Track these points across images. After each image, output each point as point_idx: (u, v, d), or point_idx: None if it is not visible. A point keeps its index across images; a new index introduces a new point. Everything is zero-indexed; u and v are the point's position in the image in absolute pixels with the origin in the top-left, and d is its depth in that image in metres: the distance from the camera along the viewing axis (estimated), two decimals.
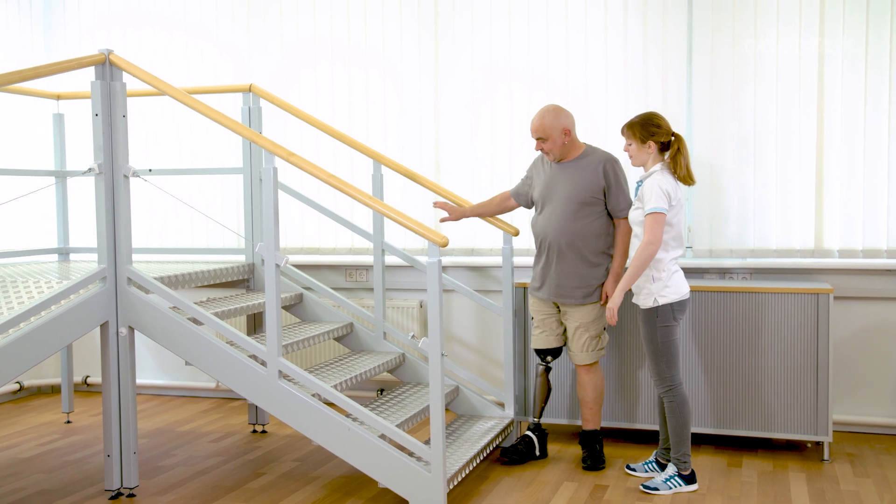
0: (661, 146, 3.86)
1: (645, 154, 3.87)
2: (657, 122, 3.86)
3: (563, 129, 4.12)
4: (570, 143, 4.16)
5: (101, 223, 3.75)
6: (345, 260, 5.56)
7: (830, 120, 4.83)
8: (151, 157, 5.65)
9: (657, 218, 3.74)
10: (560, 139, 4.13)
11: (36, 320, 3.40)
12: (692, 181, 3.88)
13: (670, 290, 3.83)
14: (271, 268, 3.66)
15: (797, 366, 4.34)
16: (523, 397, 4.72)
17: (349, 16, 5.54)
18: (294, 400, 3.69)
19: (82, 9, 6.04)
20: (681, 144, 3.85)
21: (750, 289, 4.42)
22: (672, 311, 3.84)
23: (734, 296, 4.43)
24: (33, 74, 3.60)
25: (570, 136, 4.14)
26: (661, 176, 3.81)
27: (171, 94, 3.80)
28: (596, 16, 5.13)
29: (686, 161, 3.84)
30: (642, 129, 3.86)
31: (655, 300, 3.83)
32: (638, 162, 3.91)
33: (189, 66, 5.83)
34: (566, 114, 4.16)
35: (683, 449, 3.90)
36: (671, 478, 3.90)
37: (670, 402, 3.90)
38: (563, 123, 4.12)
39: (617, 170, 4.13)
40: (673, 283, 3.83)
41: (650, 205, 3.75)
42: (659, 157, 3.87)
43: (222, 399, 5.86)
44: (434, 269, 3.52)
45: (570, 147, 4.17)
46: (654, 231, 3.73)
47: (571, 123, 4.16)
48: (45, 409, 5.66)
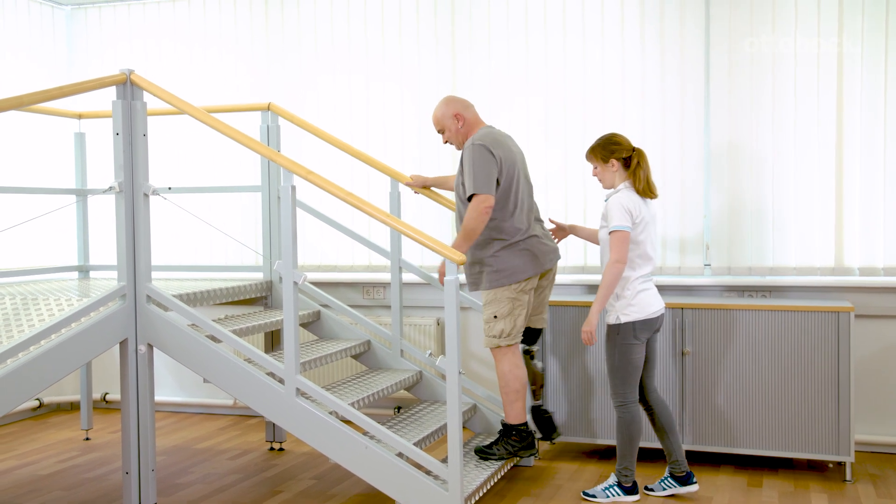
0: (624, 163, 3.92)
1: (610, 173, 3.95)
2: (616, 140, 3.96)
3: (454, 115, 4.08)
4: (465, 127, 4.09)
5: (121, 241, 3.77)
6: (362, 277, 5.57)
7: (849, 136, 4.81)
8: (171, 175, 5.70)
9: (621, 236, 3.79)
10: (454, 126, 4.09)
11: (56, 338, 3.42)
12: (653, 194, 3.93)
13: (634, 309, 3.85)
14: (289, 285, 3.67)
15: (818, 385, 4.30)
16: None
17: (367, 30, 5.58)
18: (311, 418, 3.69)
19: (104, 23, 6.12)
20: (641, 159, 3.92)
21: (770, 307, 4.39)
22: (634, 330, 3.86)
23: (753, 314, 4.40)
24: (58, 94, 3.64)
25: (462, 120, 4.08)
26: (625, 194, 3.87)
27: (190, 113, 3.84)
28: (613, 32, 5.14)
29: (646, 174, 3.91)
30: (602, 149, 3.95)
31: (618, 317, 3.87)
32: (607, 183, 3.98)
33: (208, 79, 5.90)
34: (456, 100, 4.14)
35: (626, 463, 3.97)
36: (610, 486, 3.98)
37: (620, 416, 3.95)
38: (452, 110, 4.09)
39: (470, 154, 3.93)
40: (638, 302, 3.86)
41: (613, 223, 3.82)
42: (624, 174, 3.94)
43: (240, 416, 5.87)
44: (451, 287, 3.52)
45: (467, 132, 4.10)
46: (620, 249, 3.78)
47: (462, 108, 4.10)
48: (65, 425, 5.68)
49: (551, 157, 5.27)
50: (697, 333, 4.47)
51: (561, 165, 5.25)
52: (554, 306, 4.63)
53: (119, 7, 6.09)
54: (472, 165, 3.89)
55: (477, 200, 3.85)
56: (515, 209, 4.00)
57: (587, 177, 5.18)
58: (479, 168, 3.87)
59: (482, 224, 3.87)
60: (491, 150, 3.92)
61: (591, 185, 5.18)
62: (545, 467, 4.57)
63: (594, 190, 5.17)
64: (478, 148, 3.91)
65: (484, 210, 3.84)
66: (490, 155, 3.90)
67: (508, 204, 3.98)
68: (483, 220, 3.86)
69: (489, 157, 3.90)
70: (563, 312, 4.66)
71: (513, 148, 4.08)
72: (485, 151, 3.90)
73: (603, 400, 4.62)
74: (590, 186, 5.18)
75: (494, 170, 3.90)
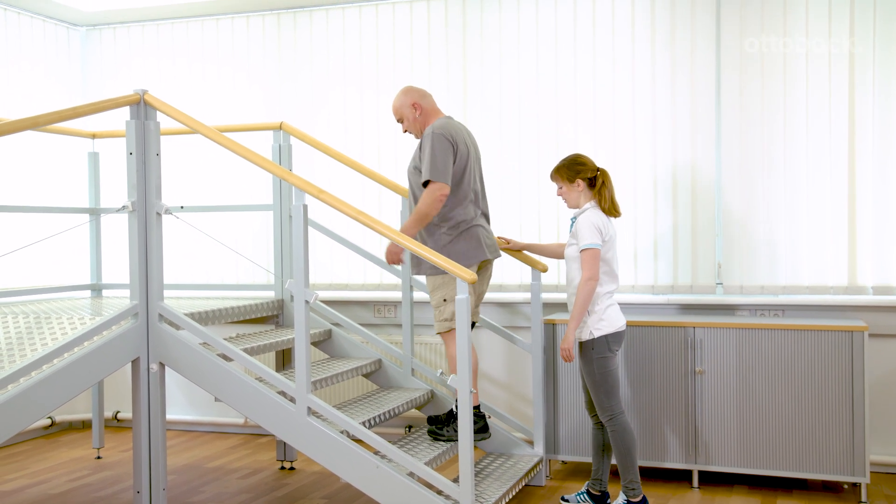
0: (588, 183, 4.00)
1: (576, 193, 4.02)
2: (581, 160, 4.03)
3: (412, 105, 4.15)
4: (423, 117, 4.16)
5: (134, 260, 3.79)
6: (373, 296, 5.58)
7: (862, 154, 4.79)
8: (183, 194, 5.73)
9: (593, 253, 3.87)
10: (412, 116, 4.16)
11: (69, 356, 3.43)
12: (617, 213, 4.02)
13: (605, 323, 3.91)
14: (301, 304, 3.67)
15: (832, 405, 4.26)
16: (553, 435, 4.68)
17: (378, 47, 5.61)
18: (322, 437, 3.68)
19: (118, 42, 6.19)
20: (605, 179, 4.01)
21: (783, 326, 4.36)
22: (607, 343, 3.92)
23: (766, 333, 4.37)
24: (72, 114, 3.67)
25: (419, 109, 4.15)
26: (593, 213, 3.96)
27: (203, 133, 3.86)
28: (624, 50, 5.15)
29: (610, 194, 4.00)
30: (568, 169, 4.02)
31: (591, 333, 3.92)
32: (572, 202, 4.06)
33: (221, 97, 5.94)
34: (414, 90, 4.20)
35: (630, 476, 3.95)
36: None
37: (612, 430, 3.95)
38: (410, 99, 4.16)
39: (430, 141, 3.98)
40: (608, 317, 3.93)
41: (584, 241, 3.89)
42: (589, 194, 4.02)
43: (251, 435, 5.86)
44: (462, 306, 3.52)
45: (424, 121, 4.17)
46: (592, 267, 3.86)
47: (420, 97, 4.17)
48: (76, 444, 5.69)
49: None
50: (710, 352, 4.45)
51: None
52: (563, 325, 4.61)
53: (133, 27, 6.15)
54: (431, 153, 3.96)
55: (433, 187, 3.92)
56: (466, 198, 4.08)
57: None
58: (438, 156, 3.95)
59: (435, 211, 3.96)
60: (448, 137, 4.00)
61: None
62: (557, 487, 4.54)
63: None
64: (437, 136, 3.98)
65: (438, 198, 3.92)
66: (448, 144, 3.99)
67: (459, 192, 4.07)
68: (436, 207, 3.94)
69: (448, 145, 3.98)
70: None
71: (468, 140, 4.16)
72: (444, 140, 3.98)
73: None
74: None
75: (451, 159, 3.99)
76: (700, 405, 4.46)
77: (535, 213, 5.31)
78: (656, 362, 4.53)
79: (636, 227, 5.15)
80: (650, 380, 4.54)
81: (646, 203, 5.13)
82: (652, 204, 5.12)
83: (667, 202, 5.10)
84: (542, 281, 4.64)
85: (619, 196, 5.13)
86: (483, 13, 5.42)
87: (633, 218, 5.15)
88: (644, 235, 5.14)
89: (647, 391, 4.54)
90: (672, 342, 4.51)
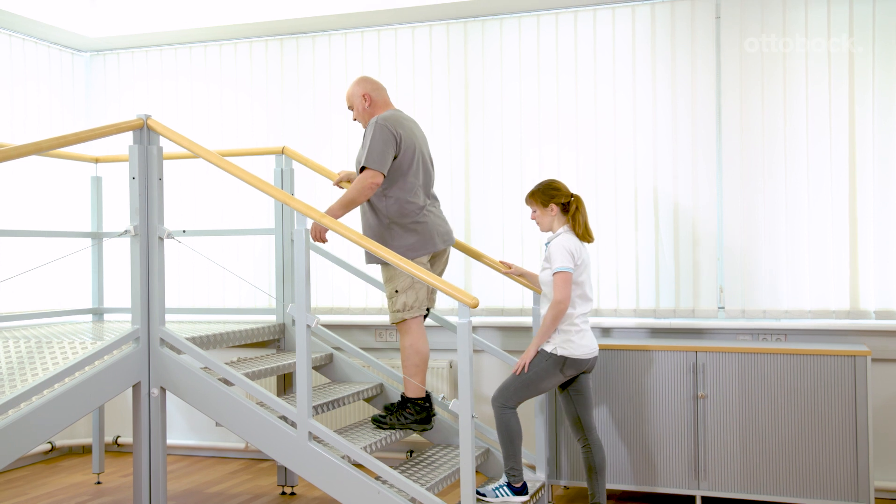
0: (562, 208, 4.06)
1: (549, 217, 4.08)
2: (555, 186, 4.09)
3: (363, 95, 4.20)
4: (371, 108, 4.21)
5: (136, 284, 3.79)
6: (375, 320, 5.57)
7: (862, 178, 4.80)
8: (185, 218, 5.74)
9: (564, 277, 3.91)
10: (361, 105, 4.21)
11: (70, 381, 3.43)
12: (591, 238, 4.08)
13: (571, 346, 3.96)
14: (302, 328, 3.67)
15: (835, 430, 4.24)
16: (555, 460, 4.66)
17: (380, 72, 5.64)
18: (324, 462, 3.67)
19: (122, 67, 6.23)
20: (579, 204, 4.07)
21: (785, 350, 4.35)
22: (562, 365, 3.96)
23: (768, 357, 4.36)
24: (75, 139, 3.69)
25: (370, 101, 4.20)
26: (566, 237, 4.01)
27: (205, 158, 3.87)
28: (624, 75, 5.18)
29: (584, 219, 4.06)
30: (542, 194, 4.07)
31: (554, 348, 3.96)
32: (545, 227, 4.11)
33: (224, 121, 5.97)
34: (368, 81, 4.25)
35: (512, 463, 4.04)
36: (500, 486, 4.05)
37: (499, 417, 4.01)
38: (362, 90, 4.21)
39: (372, 130, 4.02)
40: (577, 341, 3.97)
41: (556, 265, 3.93)
42: (563, 219, 4.08)
43: (251, 460, 5.84)
44: (465, 330, 3.52)
45: (373, 113, 4.22)
46: (563, 290, 3.90)
47: (372, 89, 4.22)
48: (76, 469, 5.66)
49: None
50: (712, 377, 4.44)
51: None
52: None
53: (137, 53, 6.19)
54: (371, 141, 3.99)
55: (367, 174, 3.95)
56: (413, 188, 4.10)
57: (600, 216, 5.19)
58: (377, 145, 3.98)
59: (364, 198, 3.98)
60: (392, 129, 4.03)
61: (602, 224, 5.19)
62: None
63: (604, 229, 5.18)
64: (380, 126, 4.02)
65: (369, 185, 3.95)
66: (390, 134, 4.01)
67: (406, 182, 4.09)
68: (366, 194, 3.96)
69: (389, 136, 4.01)
70: None
71: (415, 131, 4.20)
72: (386, 130, 4.01)
73: (616, 445, 4.57)
74: (602, 224, 5.19)
75: (391, 150, 4.01)
76: (703, 430, 4.44)
77: (537, 238, 5.32)
78: (659, 387, 4.51)
79: (638, 251, 5.16)
80: (653, 404, 4.52)
81: (647, 227, 5.14)
82: (653, 228, 5.13)
83: (668, 226, 5.11)
84: None
85: (621, 220, 5.17)
86: (484, 37, 5.46)
87: (634, 242, 5.16)
88: (646, 259, 5.14)
89: (650, 416, 4.53)
90: (674, 366, 4.50)
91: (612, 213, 5.20)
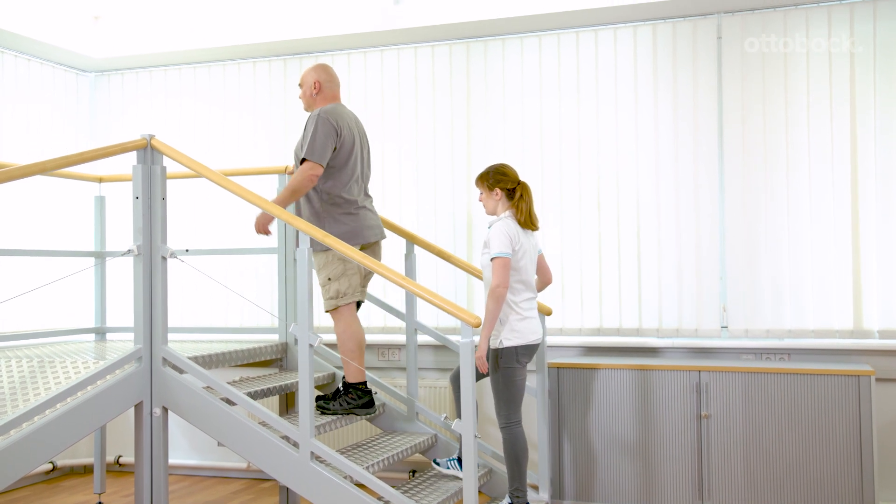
0: (508, 193, 4.09)
1: (493, 201, 4.13)
2: (504, 171, 4.14)
3: (314, 83, 4.29)
4: (318, 97, 4.29)
5: (139, 303, 3.79)
6: (377, 339, 5.56)
7: (865, 197, 4.81)
8: (188, 237, 5.75)
9: (503, 262, 3.94)
10: (310, 90, 4.30)
11: (72, 401, 3.42)
12: (534, 226, 4.12)
13: (516, 335, 3.99)
14: (305, 348, 3.67)
15: (840, 450, 4.22)
16: (558, 480, 4.64)
17: (383, 92, 5.67)
18: (326, 482, 3.65)
19: (126, 87, 6.27)
20: (524, 192, 4.11)
21: (789, 370, 4.34)
22: (516, 354, 3.99)
23: (772, 377, 4.35)
24: (79, 160, 3.70)
25: (318, 89, 4.28)
26: (505, 222, 4.05)
27: (208, 177, 3.88)
28: (626, 97, 5.20)
29: (528, 207, 4.09)
30: (490, 178, 4.13)
31: (501, 342, 3.99)
32: (489, 209, 4.16)
33: (228, 140, 5.99)
34: (325, 70, 4.33)
35: (517, 484, 4.05)
36: None
37: (506, 438, 4.04)
38: (316, 76, 4.30)
39: (314, 122, 4.11)
40: (521, 329, 4.00)
41: (494, 250, 3.98)
42: (507, 204, 4.12)
43: (254, 480, 5.81)
44: (467, 349, 3.51)
45: (317, 102, 4.29)
46: (501, 274, 3.93)
47: (325, 79, 4.30)
48: (78, 489, 5.64)
49: (566, 219, 5.29)
50: (716, 396, 4.42)
51: (576, 225, 5.27)
52: (569, 368, 4.60)
53: (141, 73, 6.23)
54: (313, 133, 4.08)
55: (307, 166, 4.05)
56: (350, 180, 4.19)
57: (603, 236, 5.20)
58: (318, 137, 4.07)
59: (306, 188, 4.07)
60: (333, 122, 4.11)
61: (605, 243, 5.19)
62: None
63: (606, 248, 5.19)
64: (322, 118, 4.11)
65: (310, 176, 4.04)
66: (332, 127, 4.10)
67: (344, 175, 4.17)
68: (307, 184, 4.06)
69: (330, 129, 4.10)
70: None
71: (354, 127, 4.27)
72: (328, 123, 4.10)
73: (620, 464, 4.55)
74: (605, 243, 5.19)
75: (332, 143, 4.10)
76: (706, 450, 4.42)
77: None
78: (662, 406, 4.50)
79: (640, 271, 5.15)
80: (656, 424, 4.51)
81: (649, 246, 5.14)
82: (656, 247, 5.13)
83: (671, 245, 5.11)
84: (547, 324, 4.63)
85: (625, 238, 5.17)
86: (487, 59, 5.49)
87: (637, 261, 5.16)
88: (648, 279, 5.14)
89: (654, 435, 4.51)
90: (678, 386, 4.49)
91: (615, 233, 5.20)
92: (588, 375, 4.65)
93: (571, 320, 5.27)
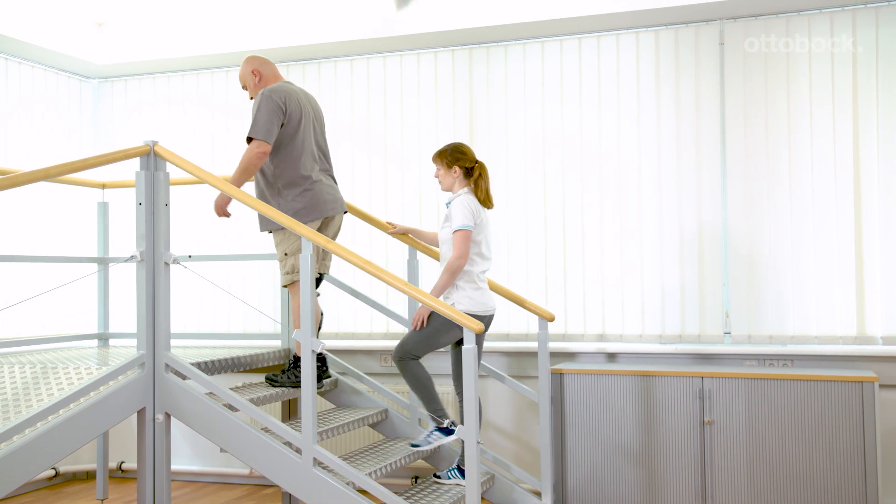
0: (465, 171, 4.18)
1: (451, 178, 4.21)
2: (462, 149, 4.23)
3: (252, 72, 4.33)
4: (262, 82, 4.32)
5: (142, 310, 3.80)
6: (380, 345, 5.56)
7: (868, 204, 4.81)
8: (191, 243, 5.75)
9: (465, 234, 4.04)
10: (252, 82, 4.33)
11: (75, 407, 3.42)
12: (491, 205, 4.24)
13: (470, 302, 4.06)
14: (307, 353, 3.67)
15: (843, 456, 4.22)
16: (561, 486, 4.63)
17: (386, 100, 5.68)
18: (328, 488, 3.65)
19: (129, 94, 6.28)
20: (482, 171, 4.22)
21: (792, 376, 4.33)
22: None
23: (775, 383, 4.34)
24: (83, 166, 3.72)
25: (259, 76, 4.32)
26: (466, 197, 4.14)
27: (211, 184, 3.90)
28: (629, 104, 5.21)
29: (486, 186, 4.21)
30: (449, 155, 4.21)
31: (453, 303, 4.06)
32: (446, 186, 4.24)
33: (229, 145, 5.99)
34: (256, 58, 4.37)
35: (434, 405, 4.14)
36: (431, 433, 4.17)
37: (404, 367, 4.11)
38: (251, 66, 4.33)
39: (258, 101, 4.14)
40: (475, 297, 4.08)
41: (457, 222, 4.06)
42: (464, 181, 4.20)
43: (256, 486, 5.81)
44: (469, 356, 3.51)
45: (263, 87, 4.31)
46: (462, 246, 4.03)
47: (260, 65, 4.34)
48: (80, 495, 5.64)
49: (569, 225, 5.29)
50: (719, 402, 4.42)
51: (579, 231, 5.27)
52: (572, 374, 4.59)
53: (144, 79, 6.24)
54: (257, 112, 4.10)
55: (253, 144, 4.07)
56: (301, 156, 4.20)
57: (605, 242, 5.20)
58: (262, 115, 4.09)
59: (256, 166, 4.10)
60: (277, 99, 4.12)
61: (607, 249, 5.19)
62: None
63: (609, 254, 5.18)
64: (265, 97, 4.12)
65: (257, 154, 4.07)
66: (276, 104, 4.11)
67: (293, 151, 4.19)
68: (256, 163, 4.09)
69: (275, 106, 4.10)
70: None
71: (303, 101, 4.28)
72: (271, 101, 4.11)
73: (622, 471, 4.54)
74: (607, 249, 5.19)
75: (277, 119, 4.11)
76: (710, 456, 4.42)
77: (541, 264, 5.32)
78: (665, 412, 4.49)
79: (643, 276, 5.15)
80: (659, 430, 4.50)
81: (652, 252, 5.14)
82: (659, 253, 5.13)
83: (673, 251, 5.11)
84: (549, 330, 4.63)
85: (626, 245, 5.17)
86: (489, 65, 5.49)
87: (639, 267, 5.16)
88: (651, 285, 5.14)
89: (657, 441, 4.50)
90: (681, 392, 4.49)
91: (618, 238, 5.21)
92: (591, 381, 4.64)
93: (574, 326, 5.27)
